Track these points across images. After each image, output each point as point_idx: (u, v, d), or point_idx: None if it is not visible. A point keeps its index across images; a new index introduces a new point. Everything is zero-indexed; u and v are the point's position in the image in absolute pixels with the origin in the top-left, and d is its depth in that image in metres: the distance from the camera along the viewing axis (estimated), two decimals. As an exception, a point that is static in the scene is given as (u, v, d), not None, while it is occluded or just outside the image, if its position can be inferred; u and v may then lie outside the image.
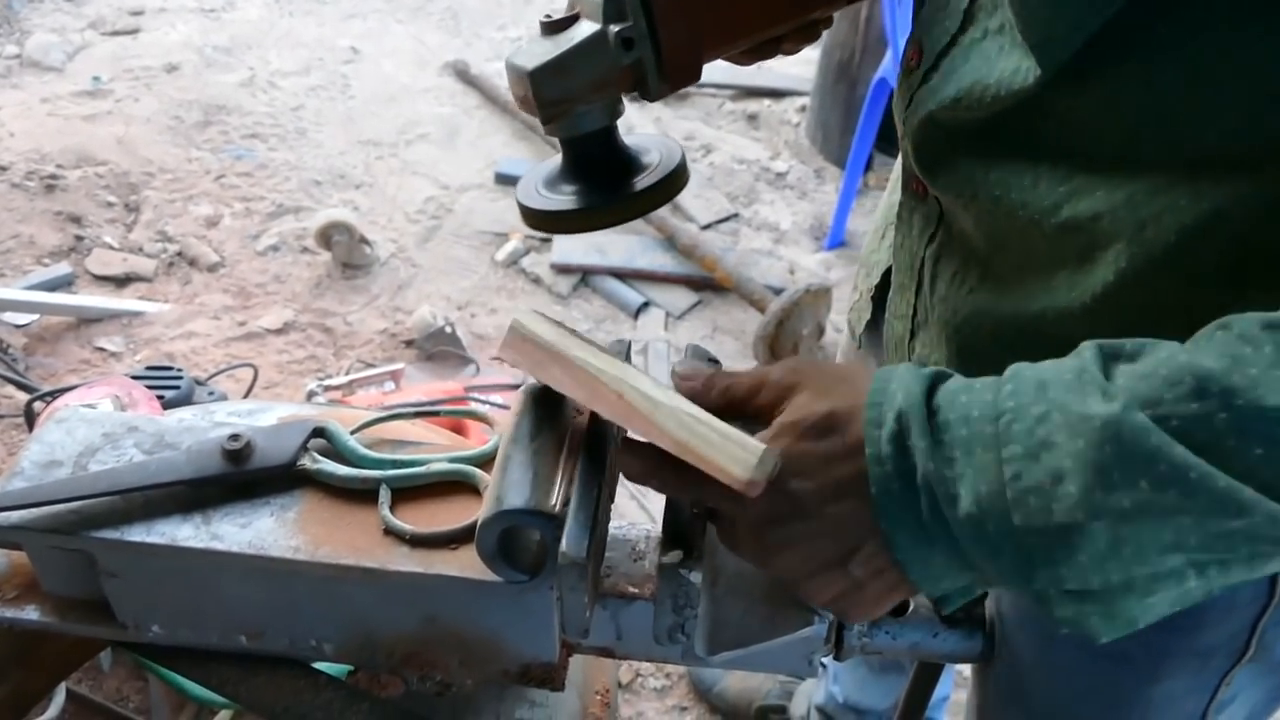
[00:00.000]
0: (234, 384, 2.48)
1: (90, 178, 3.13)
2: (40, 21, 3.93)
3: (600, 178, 0.79)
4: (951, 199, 0.79)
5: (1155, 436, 0.53)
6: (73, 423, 0.85)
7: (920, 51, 0.78)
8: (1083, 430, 0.55)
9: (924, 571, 0.61)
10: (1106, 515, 0.54)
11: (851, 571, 0.62)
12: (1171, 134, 0.63)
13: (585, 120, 0.76)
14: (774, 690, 1.94)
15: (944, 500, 0.58)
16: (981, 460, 0.57)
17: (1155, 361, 0.56)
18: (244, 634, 0.82)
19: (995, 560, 0.58)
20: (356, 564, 0.75)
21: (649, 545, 0.82)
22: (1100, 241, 0.68)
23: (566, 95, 0.74)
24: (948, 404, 0.59)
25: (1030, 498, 0.56)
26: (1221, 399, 0.53)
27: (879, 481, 0.59)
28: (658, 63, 0.74)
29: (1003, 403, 0.58)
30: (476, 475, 0.80)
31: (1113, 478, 0.54)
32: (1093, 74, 0.63)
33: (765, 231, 3.21)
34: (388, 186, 3.28)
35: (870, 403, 0.61)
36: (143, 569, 0.78)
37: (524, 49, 0.74)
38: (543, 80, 0.73)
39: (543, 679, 0.81)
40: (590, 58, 0.73)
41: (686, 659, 0.79)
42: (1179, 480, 0.53)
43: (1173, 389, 0.54)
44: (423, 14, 4.22)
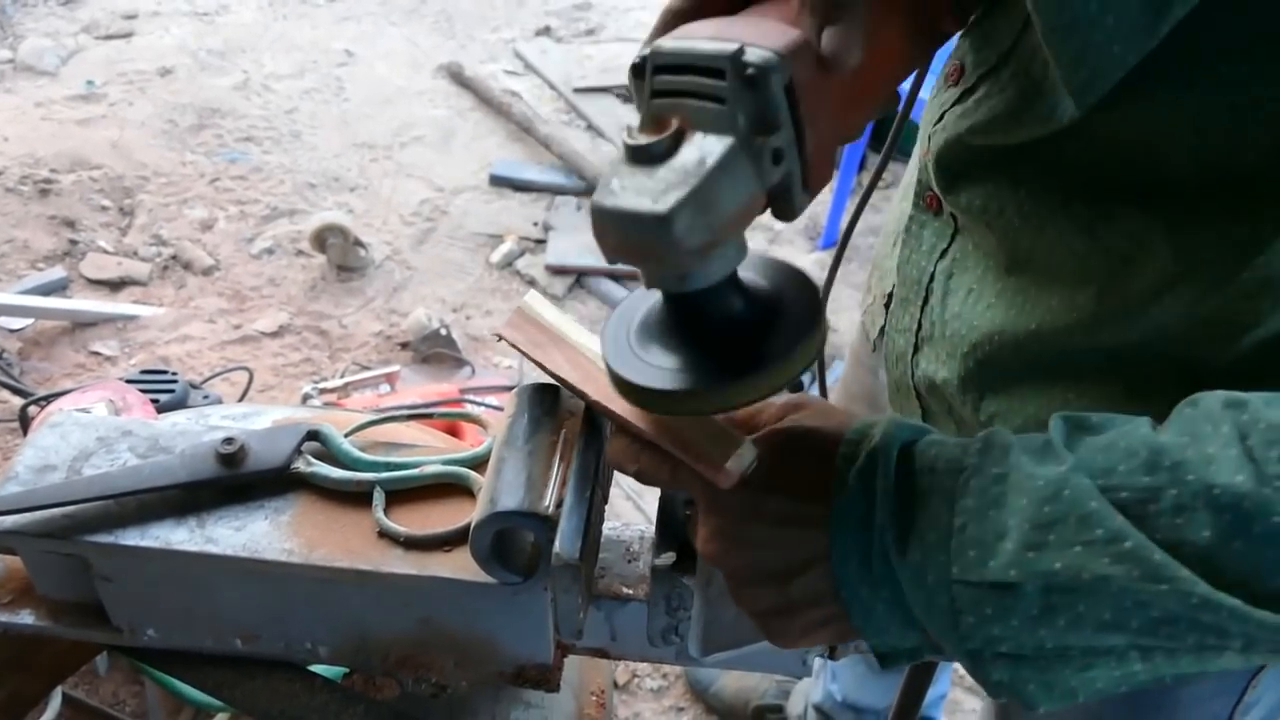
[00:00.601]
0: (229, 387, 2.48)
1: (84, 182, 3.13)
2: (34, 26, 3.93)
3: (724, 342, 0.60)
4: (973, 216, 0.78)
5: (1096, 501, 0.53)
6: (67, 427, 0.85)
7: (961, 70, 0.78)
8: (1029, 489, 0.55)
9: (866, 615, 0.60)
10: (1038, 576, 0.54)
11: (789, 592, 0.62)
12: (1206, 156, 0.62)
13: (719, 266, 0.57)
14: (771, 690, 1.94)
15: (894, 545, 0.57)
16: (935, 510, 0.57)
17: (1117, 434, 0.55)
18: (239, 637, 0.82)
19: (930, 611, 0.57)
20: (351, 566, 0.75)
21: (643, 546, 0.82)
22: (1135, 260, 0.68)
23: (711, 237, 0.54)
24: (920, 454, 0.59)
25: (970, 551, 0.55)
26: (1172, 474, 0.52)
27: (837, 512, 0.59)
28: (804, 171, 0.58)
29: (968, 459, 0.58)
30: (470, 477, 0.80)
31: (1047, 538, 0.53)
32: (1126, 101, 0.62)
33: (760, 231, 3.22)
34: (382, 189, 3.28)
35: (848, 437, 0.61)
36: (137, 573, 0.79)
37: (619, 189, 0.55)
38: (683, 221, 0.53)
39: (538, 680, 0.81)
40: (733, 183, 0.54)
41: (681, 659, 0.80)
42: (1112, 548, 0.52)
43: (1127, 460, 0.53)
44: (416, 17, 4.22)
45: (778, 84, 0.54)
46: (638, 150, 0.55)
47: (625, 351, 0.63)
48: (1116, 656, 0.55)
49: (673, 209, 0.52)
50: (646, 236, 0.54)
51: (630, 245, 0.56)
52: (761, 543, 0.62)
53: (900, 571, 0.57)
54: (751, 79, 0.53)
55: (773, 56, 0.54)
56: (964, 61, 0.78)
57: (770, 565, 0.62)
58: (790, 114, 0.55)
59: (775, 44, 0.55)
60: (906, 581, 0.57)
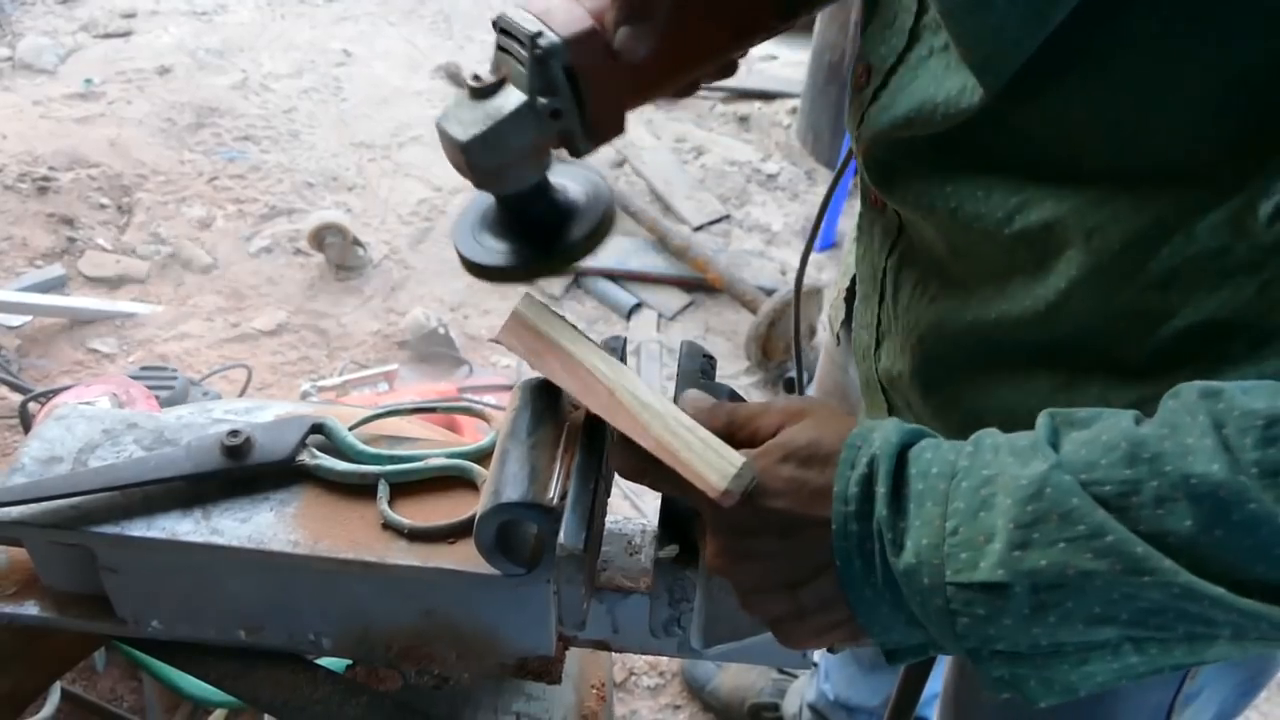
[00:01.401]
0: (228, 385, 2.49)
1: (83, 180, 3.13)
2: (32, 24, 3.93)
3: (536, 232, 0.80)
4: (910, 211, 0.80)
5: (1077, 498, 0.53)
6: (73, 419, 0.86)
7: (869, 70, 0.79)
8: (1013, 489, 0.55)
9: (871, 616, 0.61)
10: (1024, 574, 0.54)
11: (799, 598, 0.63)
12: (1114, 145, 0.64)
13: (517, 180, 0.77)
14: (767, 688, 1.95)
15: (890, 548, 0.58)
16: (929, 514, 0.58)
17: (1100, 428, 0.56)
18: (243, 629, 0.83)
19: (927, 613, 0.58)
20: (355, 558, 0.76)
21: (645, 540, 0.83)
22: (1052, 250, 0.69)
23: (499, 163, 0.75)
24: (915, 458, 0.60)
25: (962, 553, 0.56)
26: (1151, 466, 0.53)
27: (839, 519, 0.60)
28: (585, 127, 0.75)
29: (960, 462, 0.59)
30: (474, 470, 0.81)
31: (1031, 536, 0.54)
32: (1037, 88, 0.64)
33: (757, 233, 3.23)
34: (380, 188, 3.28)
35: (849, 443, 0.62)
36: (142, 564, 0.79)
37: (453, 113, 0.74)
38: (475, 151, 0.73)
39: (539, 672, 0.81)
40: (519, 127, 0.73)
41: (682, 651, 0.80)
42: (1094, 542, 0.53)
43: (1108, 454, 0.54)
44: (415, 17, 4.23)
45: (557, 64, 0.70)
46: (472, 89, 0.74)
47: (469, 238, 0.82)
48: (1111, 650, 0.56)
49: (470, 140, 0.72)
50: (456, 155, 0.74)
51: (450, 157, 0.75)
52: (768, 555, 0.63)
53: (898, 574, 0.58)
54: (539, 57, 0.70)
55: (558, 41, 0.70)
56: (869, 61, 0.79)
57: (778, 575, 0.63)
58: (570, 85, 0.72)
59: (566, 31, 0.70)
60: (904, 584, 0.58)
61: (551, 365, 0.73)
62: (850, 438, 0.62)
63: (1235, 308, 0.64)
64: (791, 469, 0.62)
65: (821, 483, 0.61)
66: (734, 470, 0.61)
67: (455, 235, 0.82)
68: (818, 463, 0.62)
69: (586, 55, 0.71)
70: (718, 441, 0.63)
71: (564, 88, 0.71)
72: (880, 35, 0.77)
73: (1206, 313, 0.65)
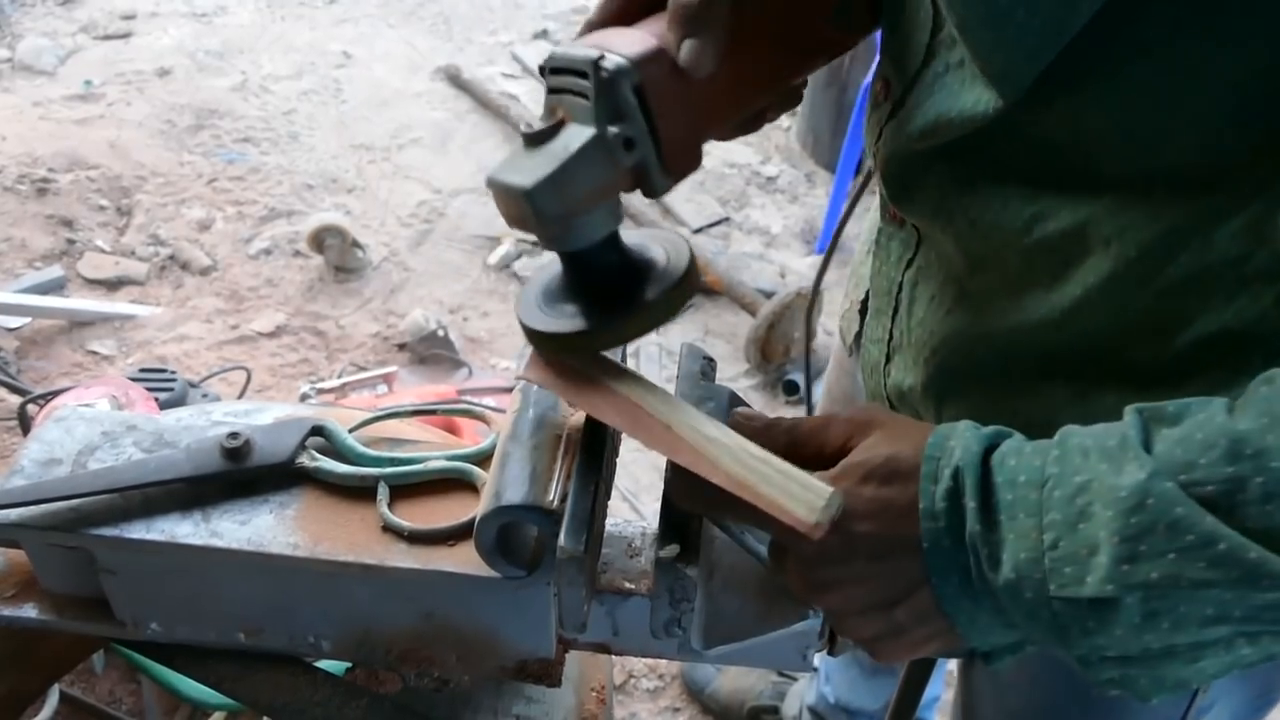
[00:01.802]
0: (227, 387, 2.49)
1: (82, 181, 3.13)
2: (32, 25, 3.93)
3: (608, 291, 0.72)
4: (929, 224, 0.79)
5: (1182, 506, 0.53)
6: (72, 421, 0.86)
7: (888, 85, 0.79)
8: (1112, 501, 0.54)
9: (971, 625, 0.61)
10: (1135, 587, 0.54)
11: (895, 616, 0.62)
12: (1131, 153, 0.63)
13: (588, 231, 0.69)
14: (766, 691, 1.95)
15: (987, 563, 0.58)
16: (1023, 526, 0.57)
17: (1193, 424, 0.55)
18: (242, 631, 0.82)
19: (1034, 625, 0.58)
20: (355, 560, 0.75)
21: (645, 541, 0.82)
22: (1070, 259, 0.69)
23: (569, 209, 0.66)
24: (999, 465, 0.59)
25: (1065, 568, 0.55)
26: (1255, 462, 0.52)
27: (930, 536, 0.59)
28: (660, 158, 0.68)
29: (1049, 468, 0.58)
30: (474, 472, 0.80)
31: (1139, 549, 0.53)
32: (1052, 97, 0.63)
33: (756, 235, 3.23)
34: (380, 190, 3.28)
35: (928, 455, 0.61)
36: (142, 566, 0.79)
37: (508, 164, 0.68)
38: (544, 197, 0.65)
39: (540, 675, 0.81)
40: (590, 165, 0.66)
41: (683, 653, 0.80)
42: (1206, 551, 0.52)
43: (1207, 453, 0.53)
44: (414, 19, 4.23)
45: (626, 85, 0.65)
46: (527, 136, 0.67)
47: (532, 308, 0.74)
48: (1224, 645, 0.55)
49: (535, 185, 0.64)
50: (519, 206, 0.66)
51: (511, 213, 0.68)
52: (860, 579, 0.62)
53: (998, 589, 0.58)
54: (605, 81, 0.64)
55: (624, 62, 0.65)
56: (888, 76, 0.79)
57: (872, 598, 0.62)
58: (641, 109, 0.66)
59: (630, 51, 0.65)
60: (1005, 598, 0.58)
61: (592, 401, 0.69)
62: (928, 448, 0.61)
63: (1252, 317, 0.64)
64: (874, 489, 0.61)
65: (906, 500, 0.60)
66: (822, 502, 0.58)
67: (519, 309, 0.74)
68: (900, 479, 0.61)
69: (655, 74, 0.66)
70: (795, 470, 0.61)
71: (635, 111, 0.66)
72: (897, 51, 0.77)
73: (1223, 322, 0.65)
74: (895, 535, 0.60)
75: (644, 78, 0.65)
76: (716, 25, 0.66)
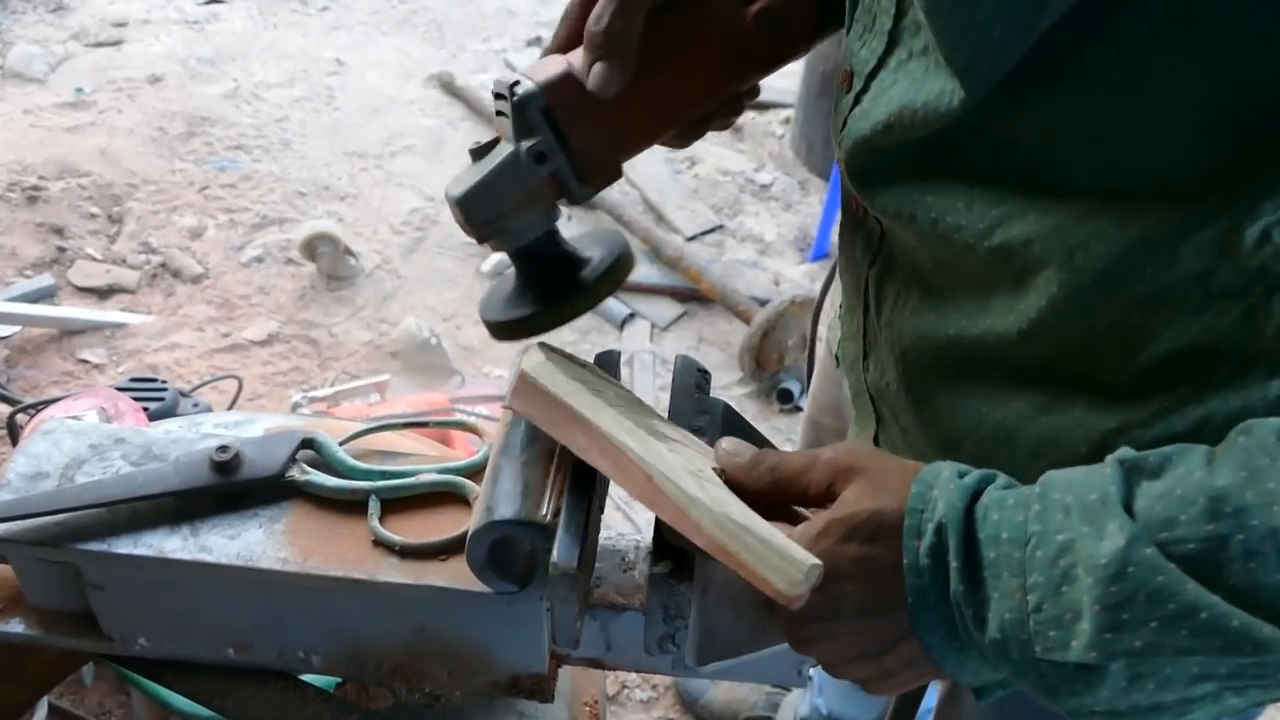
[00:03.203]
0: (218, 396, 2.47)
1: (73, 189, 3.12)
2: (22, 33, 3.91)
3: (551, 281, 0.82)
4: (891, 219, 0.79)
5: (1163, 575, 0.53)
6: (59, 434, 0.85)
7: (851, 75, 0.78)
8: (1093, 568, 0.55)
9: (959, 669, 0.62)
10: (1121, 656, 0.54)
11: (884, 664, 0.64)
12: (1101, 161, 0.63)
13: (522, 233, 0.79)
14: (760, 702, 1.94)
15: (973, 623, 0.59)
16: (1007, 586, 0.57)
17: (1174, 479, 0.55)
18: (231, 646, 0.82)
19: (1022, 680, 0.59)
20: (345, 575, 0.75)
21: (638, 556, 0.82)
22: (1032, 266, 0.68)
23: (496, 214, 0.77)
24: (982, 520, 0.59)
25: (1050, 631, 0.56)
26: (1236, 520, 0.52)
27: (915, 593, 0.60)
28: (574, 169, 0.77)
29: (1030, 525, 0.58)
30: (466, 486, 0.80)
31: (1121, 618, 0.54)
32: (1024, 98, 0.63)
33: (750, 243, 3.22)
34: (373, 198, 3.27)
35: (910, 509, 0.61)
36: (129, 581, 0.78)
37: (458, 177, 0.78)
38: (470, 204, 0.77)
39: (532, 690, 0.81)
40: (509, 177, 0.76)
41: (676, 669, 0.79)
42: (1189, 622, 0.52)
43: (1187, 510, 0.53)
44: (407, 26, 4.22)
45: (534, 107, 0.75)
46: (472, 151, 0.79)
47: (492, 306, 0.83)
48: (1211, 699, 0.56)
49: (463, 194, 0.77)
50: (456, 212, 0.78)
51: (456, 221, 0.79)
52: (848, 634, 0.63)
53: (984, 648, 0.59)
54: (516, 104, 0.75)
55: (533, 87, 0.75)
56: (850, 65, 0.78)
57: (861, 650, 0.64)
58: (552, 127, 0.75)
59: (540, 78, 0.75)
60: (992, 654, 0.59)
61: (576, 440, 0.70)
62: (911, 500, 0.61)
63: (1219, 333, 0.63)
64: (857, 547, 0.62)
65: (891, 558, 0.61)
66: (801, 575, 0.59)
67: (481, 308, 0.84)
68: (884, 537, 0.61)
69: (562, 96, 0.75)
70: (776, 537, 0.61)
71: (544, 128, 0.75)
72: (861, 39, 0.77)
73: (1190, 337, 0.64)
74: (881, 593, 0.61)
75: (552, 100, 0.75)
76: (621, 50, 0.72)
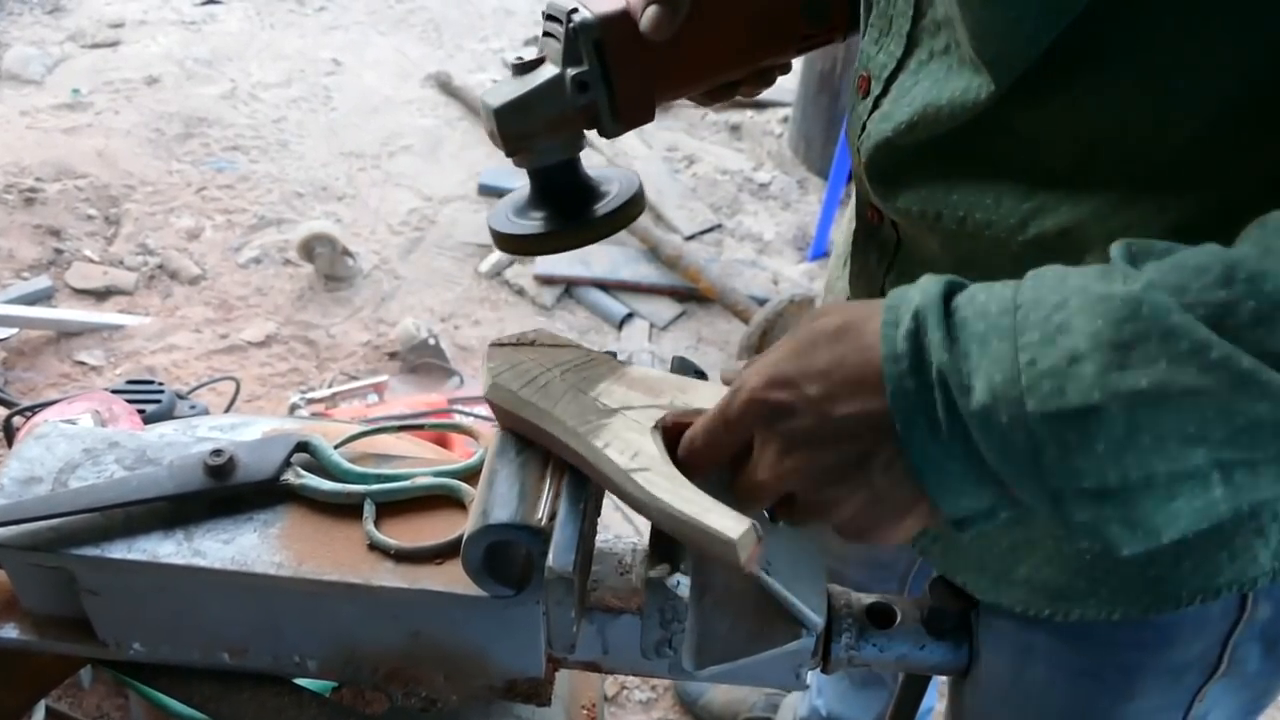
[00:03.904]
0: (216, 397, 2.47)
1: (70, 190, 3.11)
2: (19, 34, 3.91)
3: (564, 205, 0.86)
4: (913, 222, 0.78)
5: (1176, 315, 0.51)
6: (53, 438, 0.85)
7: (868, 79, 0.78)
8: (1101, 310, 0.53)
9: (940, 480, 0.58)
10: (1123, 395, 0.52)
11: (870, 478, 0.60)
12: (1130, 147, 0.62)
13: (547, 154, 0.83)
14: (759, 703, 1.94)
15: (957, 391, 0.55)
16: (997, 350, 0.55)
17: (1186, 254, 0.54)
18: (226, 651, 0.81)
19: (1008, 455, 0.55)
20: (340, 580, 0.74)
21: (635, 559, 0.81)
22: (1070, 258, 0.67)
23: (528, 132, 0.81)
24: (966, 302, 0.57)
25: (1045, 381, 0.53)
26: (1249, 285, 0.51)
27: (893, 380, 0.57)
28: (611, 105, 0.80)
29: (1022, 295, 0.56)
30: (462, 489, 0.79)
31: (1130, 356, 0.52)
32: (1047, 88, 0.62)
33: (749, 242, 3.22)
34: (370, 198, 3.27)
35: (888, 305, 0.59)
36: (123, 586, 0.78)
37: (495, 88, 0.81)
38: (505, 117, 0.80)
39: (529, 694, 0.80)
40: (549, 99, 0.80)
41: (674, 673, 0.79)
42: (1199, 358, 0.51)
43: (1200, 277, 0.52)
44: (404, 26, 4.22)
45: (588, 37, 0.78)
46: (514, 66, 0.82)
47: (502, 218, 0.88)
48: (1200, 481, 0.53)
49: (501, 105, 0.80)
50: (489, 122, 0.82)
51: (486, 129, 0.83)
52: (824, 439, 0.60)
53: (970, 419, 0.55)
54: (571, 30, 0.78)
55: (590, 17, 0.78)
56: (868, 69, 0.78)
57: (842, 459, 0.60)
58: (598, 59, 0.78)
59: (598, 9, 0.78)
60: (977, 429, 0.55)
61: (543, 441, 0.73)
62: (887, 300, 0.59)
63: None
64: (825, 349, 0.60)
65: (861, 351, 0.59)
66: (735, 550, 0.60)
67: (490, 217, 0.87)
68: (851, 334, 0.60)
69: (615, 33, 0.78)
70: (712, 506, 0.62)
71: (593, 60, 0.78)
72: (877, 44, 0.76)
73: None
74: (853, 385, 0.59)
75: (606, 34, 0.78)
76: None
